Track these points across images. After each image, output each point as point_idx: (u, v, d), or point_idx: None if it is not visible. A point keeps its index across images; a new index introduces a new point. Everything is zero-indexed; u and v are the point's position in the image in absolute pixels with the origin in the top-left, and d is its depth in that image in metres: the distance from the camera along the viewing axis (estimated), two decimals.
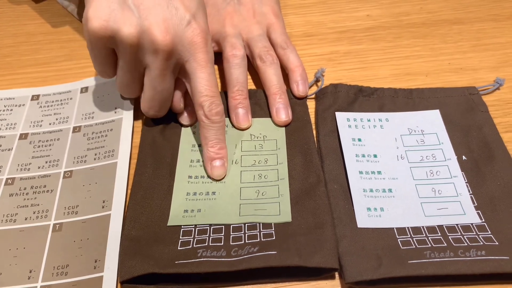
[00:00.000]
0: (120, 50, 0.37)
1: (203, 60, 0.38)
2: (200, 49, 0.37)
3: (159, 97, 0.40)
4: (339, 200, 0.38)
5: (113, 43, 0.36)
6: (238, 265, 0.32)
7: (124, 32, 0.35)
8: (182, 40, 0.37)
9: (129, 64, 0.38)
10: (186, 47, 0.37)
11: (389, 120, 0.44)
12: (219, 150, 0.39)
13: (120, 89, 0.41)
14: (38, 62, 0.52)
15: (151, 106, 0.41)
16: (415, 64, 0.50)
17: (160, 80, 0.38)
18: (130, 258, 0.33)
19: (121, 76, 0.40)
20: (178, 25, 0.36)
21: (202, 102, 0.38)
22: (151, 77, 0.38)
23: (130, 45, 0.36)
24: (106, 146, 0.42)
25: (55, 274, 0.34)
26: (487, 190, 0.38)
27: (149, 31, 0.35)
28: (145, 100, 0.40)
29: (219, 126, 0.39)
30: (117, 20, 0.35)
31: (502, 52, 0.52)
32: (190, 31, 0.37)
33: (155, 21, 0.35)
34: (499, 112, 0.45)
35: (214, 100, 0.38)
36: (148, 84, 0.39)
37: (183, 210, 0.37)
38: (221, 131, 0.40)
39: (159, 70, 0.37)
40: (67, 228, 0.37)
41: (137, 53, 0.36)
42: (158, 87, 0.38)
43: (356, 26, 0.56)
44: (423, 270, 0.33)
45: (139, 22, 0.35)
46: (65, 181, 0.40)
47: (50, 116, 0.46)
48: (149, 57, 0.37)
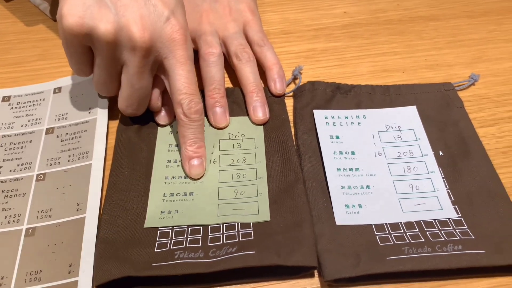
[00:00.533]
0: (97, 47, 0.36)
1: (182, 57, 0.37)
2: (179, 46, 0.37)
3: (137, 95, 0.39)
4: (318, 197, 0.37)
5: (89, 40, 0.35)
6: (216, 266, 0.32)
7: (100, 29, 0.34)
8: (161, 36, 0.36)
9: (106, 62, 0.37)
10: (165, 44, 0.36)
11: (366, 117, 0.44)
12: (198, 149, 0.39)
13: (97, 88, 0.40)
14: (9, 62, 0.50)
15: (128, 104, 0.40)
16: (392, 60, 0.51)
17: (138, 77, 0.37)
18: (106, 261, 0.32)
19: (97, 74, 0.39)
20: (156, 21, 0.36)
21: (181, 100, 0.38)
22: (128, 74, 0.37)
23: (107, 42, 0.35)
24: (80, 147, 0.41)
25: (28, 280, 0.33)
26: (464, 185, 0.39)
27: (126, 28, 0.35)
28: (123, 98, 0.39)
29: (198, 124, 0.39)
30: (93, 17, 0.34)
31: (476, 48, 0.52)
32: (169, 27, 0.36)
33: (132, 18, 0.35)
34: (474, 107, 0.46)
35: (193, 98, 0.38)
36: (125, 81, 0.38)
37: (160, 211, 0.36)
38: (200, 129, 0.39)
39: (137, 68, 0.37)
40: (40, 232, 0.36)
41: (114, 51, 0.36)
42: (136, 84, 0.38)
43: (333, 23, 0.56)
44: (401, 266, 0.33)
45: (116, 19, 0.34)
46: (38, 184, 0.39)
47: (22, 117, 0.44)
48: (126, 54, 0.36)
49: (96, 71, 0.39)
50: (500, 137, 0.43)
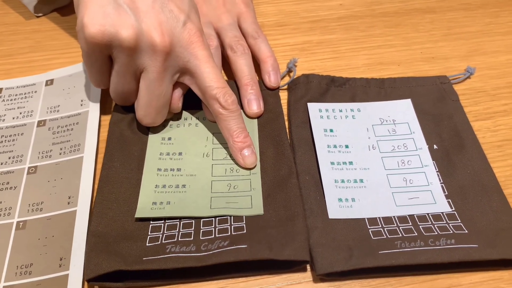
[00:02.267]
0: (117, 53, 0.36)
1: (204, 56, 0.37)
2: (199, 47, 0.37)
3: (156, 102, 0.38)
4: (311, 191, 0.37)
5: (110, 47, 0.35)
6: (207, 260, 0.32)
7: (122, 35, 0.34)
8: (180, 41, 0.36)
9: (126, 68, 0.37)
10: (184, 48, 0.37)
11: (361, 110, 0.44)
12: (245, 138, 0.39)
13: (114, 96, 0.40)
14: (1, 54, 0.50)
15: (147, 113, 0.39)
16: (387, 53, 0.50)
17: (158, 83, 0.37)
18: (97, 255, 0.32)
19: (115, 82, 0.38)
20: (175, 27, 0.36)
21: (216, 95, 0.37)
22: (148, 80, 0.37)
23: (128, 47, 0.35)
24: (72, 140, 0.41)
25: (18, 273, 0.33)
26: (458, 179, 0.38)
27: (147, 33, 0.35)
28: (141, 106, 0.39)
29: (237, 114, 0.39)
30: (114, 24, 0.34)
31: (473, 41, 0.52)
32: (186, 32, 0.37)
33: (152, 24, 0.35)
34: (470, 101, 0.46)
35: (227, 90, 0.38)
36: (144, 88, 0.38)
37: (152, 202, 0.36)
38: (241, 119, 0.39)
39: (157, 73, 0.36)
40: (31, 225, 0.35)
41: (134, 56, 0.36)
42: (156, 91, 0.37)
43: (329, 15, 0.55)
44: (393, 260, 0.33)
45: (136, 24, 0.35)
46: (29, 177, 0.38)
47: (14, 110, 0.44)
48: (147, 60, 0.36)
49: (113, 79, 0.38)
50: (495, 131, 0.43)
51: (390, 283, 0.34)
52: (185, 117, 0.43)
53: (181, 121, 0.42)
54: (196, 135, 0.41)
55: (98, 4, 0.34)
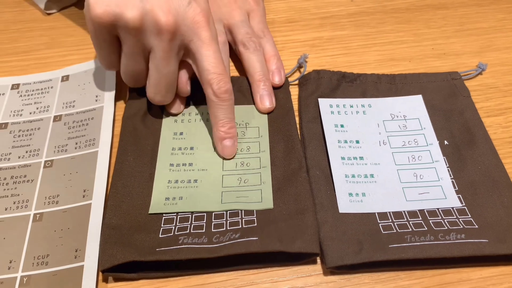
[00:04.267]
0: (124, 34, 0.36)
1: (207, 38, 0.37)
2: (203, 27, 0.37)
3: (165, 80, 0.39)
4: (321, 185, 0.38)
5: (116, 28, 0.36)
6: (219, 252, 0.32)
7: (127, 15, 0.35)
8: (185, 19, 0.36)
9: (133, 49, 0.37)
10: (189, 27, 0.37)
11: (371, 106, 0.44)
12: (229, 129, 0.39)
13: (125, 78, 0.41)
14: (18, 51, 0.51)
15: (157, 91, 0.40)
16: (398, 49, 0.50)
17: (165, 62, 0.37)
18: (111, 246, 0.33)
19: (125, 64, 0.39)
20: (179, 6, 0.36)
21: (210, 80, 0.38)
22: (156, 60, 0.37)
23: (133, 28, 0.35)
24: (87, 135, 0.42)
25: (35, 264, 0.34)
26: (468, 175, 0.38)
27: (152, 13, 0.35)
28: (151, 85, 0.39)
29: (228, 104, 0.39)
30: (119, 4, 0.35)
31: (485, 37, 0.52)
32: (191, 10, 0.37)
33: (157, 3, 0.35)
34: (481, 97, 0.45)
35: (223, 77, 0.38)
36: (153, 67, 0.38)
37: (165, 197, 0.37)
38: (231, 109, 0.39)
39: (163, 52, 0.37)
40: (47, 217, 0.36)
41: (141, 36, 0.36)
42: (164, 69, 0.38)
43: (339, 11, 0.55)
44: (403, 254, 0.33)
45: (141, 5, 0.35)
46: (45, 170, 0.39)
47: (31, 105, 0.45)
48: (153, 40, 0.36)
49: (123, 60, 0.39)
50: (507, 127, 0.43)
51: (400, 277, 0.34)
52: (196, 113, 0.43)
53: (192, 116, 0.43)
54: (207, 130, 0.42)
55: None
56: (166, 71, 0.38)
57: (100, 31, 0.36)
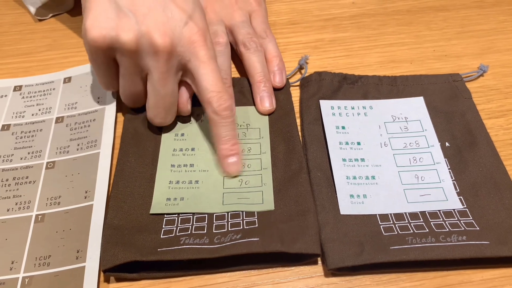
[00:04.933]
0: (120, 57, 0.36)
1: (204, 56, 0.37)
2: (200, 47, 0.37)
3: (163, 102, 0.39)
4: (322, 187, 0.38)
5: (113, 51, 0.36)
6: (220, 252, 0.32)
7: (123, 38, 0.35)
8: (181, 40, 0.36)
9: (130, 71, 0.37)
10: (185, 47, 0.37)
11: (373, 107, 0.44)
12: (232, 146, 0.39)
13: (124, 99, 0.41)
14: (20, 52, 0.51)
15: (156, 113, 0.39)
16: (399, 51, 0.51)
17: (162, 83, 0.37)
18: (113, 246, 0.33)
19: (123, 85, 0.39)
20: (175, 26, 0.36)
21: (209, 99, 0.37)
22: (153, 81, 0.37)
23: (129, 50, 0.35)
24: (89, 136, 0.42)
25: (37, 265, 0.34)
26: (469, 176, 0.38)
27: (147, 35, 0.35)
28: (150, 107, 0.39)
29: (229, 121, 0.38)
30: (114, 27, 0.35)
31: (486, 38, 0.52)
32: (188, 30, 0.37)
33: (152, 25, 0.35)
34: (483, 98, 0.46)
35: (222, 95, 0.38)
36: (151, 89, 0.38)
37: (166, 198, 0.37)
38: (232, 126, 0.39)
39: (160, 74, 0.37)
40: (49, 219, 0.36)
41: (137, 58, 0.36)
42: (162, 91, 0.38)
43: (341, 13, 0.55)
44: (404, 255, 0.33)
45: (137, 27, 0.35)
46: (47, 172, 0.40)
47: (33, 106, 0.45)
48: (149, 61, 0.36)
49: (121, 82, 0.39)
50: (508, 129, 0.43)
51: (401, 279, 0.34)
52: (197, 114, 0.43)
53: (193, 117, 0.43)
54: (209, 131, 0.42)
55: (100, 8, 0.35)
56: (164, 93, 0.38)
57: (97, 53, 0.36)
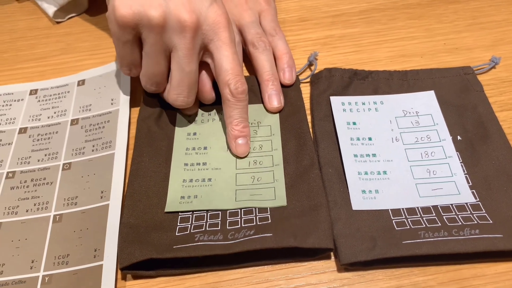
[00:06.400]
0: (147, 33, 0.37)
1: (227, 38, 0.38)
2: (224, 28, 0.38)
3: (188, 80, 0.39)
4: (334, 183, 0.38)
5: (140, 27, 0.37)
6: (234, 248, 0.33)
7: (151, 13, 0.36)
8: (207, 19, 0.37)
9: (155, 48, 0.38)
10: (210, 26, 0.38)
11: (383, 102, 0.44)
12: (243, 128, 0.40)
13: (146, 81, 0.41)
14: (35, 57, 0.52)
15: (180, 92, 0.39)
16: (410, 45, 0.50)
17: (188, 60, 0.38)
18: (129, 245, 0.34)
19: (146, 65, 0.40)
20: (201, 6, 0.37)
21: (228, 80, 0.39)
22: (178, 58, 0.38)
23: (157, 25, 0.36)
24: (103, 137, 0.43)
25: (56, 263, 0.35)
26: (482, 170, 0.38)
27: (175, 11, 0.36)
28: (173, 86, 0.40)
29: (243, 104, 0.40)
30: (143, 4, 0.36)
31: (498, 30, 0.51)
32: (213, 11, 0.38)
33: (180, 3, 0.36)
34: (495, 91, 0.45)
35: (240, 78, 0.39)
36: (175, 67, 0.39)
37: (180, 196, 0.38)
38: (245, 109, 0.40)
39: (186, 50, 0.37)
40: (67, 218, 0.37)
41: (163, 34, 0.37)
42: (186, 67, 0.38)
43: (350, 9, 0.55)
44: (417, 250, 0.33)
45: (164, 3, 0.36)
46: (64, 173, 0.40)
47: (49, 109, 0.46)
48: (176, 38, 0.37)
49: (144, 62, 0.40)
50: None
51: (414, 273, 0.34)
52: (209, 113, 0.44)
53: (205, 116, 0.44)
54: (220, 130, 0.42)
55: None
56: (188, 69, 0.38)
57: (124, 31, 0.37)
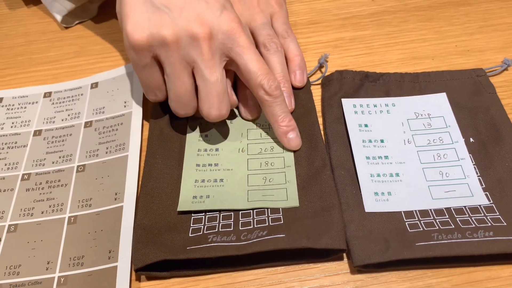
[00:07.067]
0: (164, 54, 0.37)
1: (245, 42, 0.38)
2: (240, 33, 0.38)
3: (215, 90, 0.38)
4: (346, 185, 0.38)
5: (156, 49, 0.37)
6: (247, 249, 0.33)
7: (163, 33, 0.36)
8: (220, 28, 0.37)
9: (176, 67, 0.38)
10: (226, 34, 0.37)
11: (395, 104, 0.44)
12: (289, 122, 0.40)
13: (176, 106, 0.40)
14: (49, 60, 0.53)
15: (210, 105, 0.38)
16: (421, 48, 0.50)
17: (210, 71, 0.37)
18: (143, 246, 0.34)
19: (172, 88, 0.39)
20: (212, 16, 0.37)
21: (261, 81, 0.38)
22: (200, 71, 0.38)
23: (171, 43, 0.36)
24: (117, 139, 0.43)
25: (71, 265, 0.35)
26: (495, 172, 0.38)
27: (186, 27, 0.36)
28: (203, 99, 0.39)
29: (281, 100, 0.40)
30: (154, 26, 0.36)
31: (510, 32, 0.51)
32: (225, 18, 0.37)
33: (190, 17, 0.36)
34: (507, 93, 0.45)
35: (270, 76, 0.39)
36: (200, 81, 0.38)
37: (192, 196, 0.38)
38: (284, 103, 0.40)
39: (206, 61, 0.37)
40: (81, 220, 0.38)
41: (180, 52, 0.37)
42: (211, 77, 0.38)
43: (361, 11, 0.55)
44: (430, 252, 0.33)
45: (175, 21, 0.36)
46: (78, 175, 0.41)
47: (62, 112, 0.47)
48: (193, 52, 0.37)
49: (169, 85, 0.39)
50: None
51: (427, 275, 0.34)
52: None
53: None
54: (231, 132, 0.43)
55: (137, 12, 0.36)
56: (214, 79, 0.38)
57: (141, 55, 0.37)
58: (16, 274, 0.35)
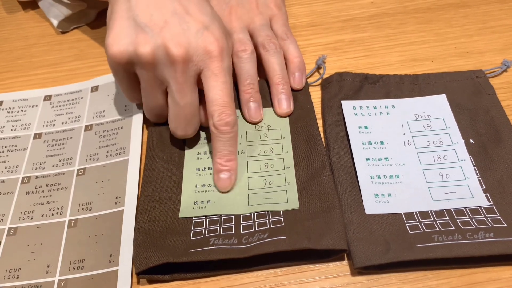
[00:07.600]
0: (140, 70, 0.38)
1: (216, 68, 0.37)
2: (214, 58, 0.37)
3: (183, 113, 0.38)
4: (347, 187, 0.38)
5: (132, 65, 0.37)
6: (249, 252, 0.33)
7: (140, 51, 0.36)
8: (197, 49, 0.37)
9: (150, 84, 0.38)
10: (200, 57, 0.37)
11: (395, 106, 0.44)
12: (226, 162, 0.39)
13: (148, 114, 0.42)
14: (49, 63, 0.53)
15: (177, 125, 0.39)
16: (420, 49, 0.50)
17: (181, 94, 0.38)
18: (145, 249, 0.34)
19: (145, 100, 0.40)
20: (191, 37, 0.37)
21: (212, 112, 0.38)
22: (172, 92, 0.38)
23: (147, 63, 0.36)
24: (117, 143, 0.43)
25: (71, 268, 0.35)
26: (495, 173, 0.38)
27: (163, 46, 0.36)
28: (171, 119, 0.40)
29: (228, 137, 0.38)
30: (132, 43, 0.36)
31: (509, 34, 0.51)
32: (203, 40, 0.37)
33: (168, 37, 0.36)
34: (507, 94, 0.45)
35: (225, 109, 0.37)
36: (170, 101, 0.39)
37: (193, 201, 0.38)
38: (231, 142, 0.39)
39: (178, 84, 0.37)
40: (82, 224, 0.38)
41: (155, 71, 0.37)
42: (181, 101, 0.38)
43: (360, 14, 0.56)
44: (431, 253, 0.33)
45: (153, 40, 0.36)
46: (78, 178, 0.41)
47: (63, 115, 0.47)
48: (167, 72, 0.37)
49: (143, 97, 0.40)
50: None
51: (428, 277, 0.34)
52: None
53: None
54: None
55: (120, 27, 0.37)
56: (183, 103, 0.38)
57: (118, 68, 0.38)
58: (16, 278, 0.35)
